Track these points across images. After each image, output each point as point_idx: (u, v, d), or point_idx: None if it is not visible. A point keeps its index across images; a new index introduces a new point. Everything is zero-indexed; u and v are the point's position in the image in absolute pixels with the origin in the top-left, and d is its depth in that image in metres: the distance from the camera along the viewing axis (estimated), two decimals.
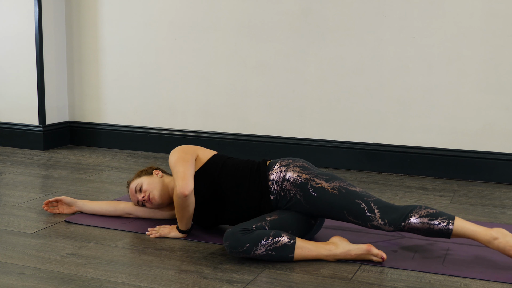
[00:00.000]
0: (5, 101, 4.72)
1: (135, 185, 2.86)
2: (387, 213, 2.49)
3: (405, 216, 2.47)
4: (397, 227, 2.47)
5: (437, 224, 2.45)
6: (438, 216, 2.47)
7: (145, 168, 2.95)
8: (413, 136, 3.98)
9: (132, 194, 2.88)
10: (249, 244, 2.44)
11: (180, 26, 4.44)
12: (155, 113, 4.59)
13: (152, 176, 2.87)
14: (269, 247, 2.45)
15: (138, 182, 2.86)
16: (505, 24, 3.72)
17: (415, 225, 2.46)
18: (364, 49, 4.02)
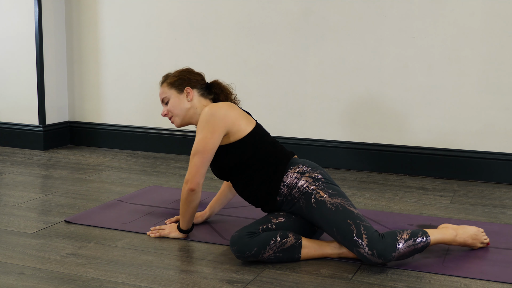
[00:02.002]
0: (5, 101, 4.73)
1: (164, 95, 2.74)
2: (376, 243, 2.38)
3: (393, 245, 2.39)
4: (387, 259, 2.38)
5: (419, 242, 2.45)
6: (416, 233, 2.46)
7: (179, 74, 2.76)
8: (413, 136, 3.98)
9: (160, 98, 2.77)
10: (257, 248, 2.43)
11: (180, 26, 4.44)
12: (155, 113, 4.59)
13: (181, 97, 2.70)
14: (276, 249, 2.45)
15: (167, 95, 2.73)
16: (505, 24, 3.72)
17: (403, 251, 2.40)
18: (364, 49, 4.02)
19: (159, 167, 4.15)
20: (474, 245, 2.61)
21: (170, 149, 4.56)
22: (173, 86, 2.73)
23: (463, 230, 2.59)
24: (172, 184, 3.70)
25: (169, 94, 2.72)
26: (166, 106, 2.73)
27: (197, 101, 2.73)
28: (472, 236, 2.59)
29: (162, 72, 4.51)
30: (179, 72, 2.79)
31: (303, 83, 4.16)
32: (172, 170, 4.07)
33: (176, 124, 2.74)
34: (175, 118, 2.72)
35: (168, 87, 2.74)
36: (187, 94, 2.71)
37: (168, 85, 2.74)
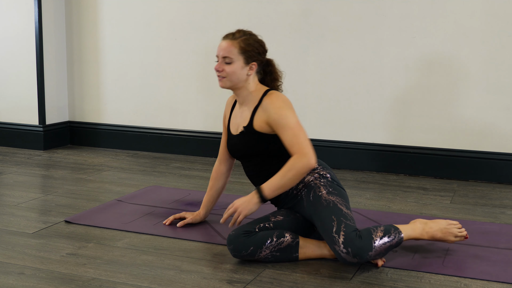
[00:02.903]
0: (5, 101, 4.73)
1: (228, 54, 2.58)
2: (352, 241, 2.33)
3: (370, 245, 2.34)
4: (363, 258, 2.34)
5: (393, 239, 2.40)
6: (389, 230, 2.41)
7: (253, 45, 2.62)
8: (413, 136, 3.98)
9: (219, 51, 2.60)
10: (253, 247, 2.43)
11: (180, 26, 4.44)
12: (155, 113, 4.59)
13: (244, 67, 2.58)
14: (273, 248, 2.45)
15: (233, 57, 2.58)
16: (505, 24, 3.72)
17: (379, 249, 2.36)
18: (364, 49, 4.02)
19: (159, 167, 4.15)
20: (446, 239, 2.53)
21: (170, 149, 4.56)
22: (243, 53, 2.59)
23: (432, 224, 2.53)
24: (172, 184, 3.70)
25: (235, 58, 2.58)
26: (225, 65, 2.58)
27: (252, 76, 2.63)
28: (442, 230, 2.52)
29: (162, 72, 4.53)
30: (253, 40, 2.64)
31: (303, 83, 4.16)
32: (172, 170, 4.07)
33: (223, 85, 2.61)
34: (226, 81, 2.60)
35: (238, 50, 2.58)
36: (250, 68, 2.61)
37: (239, 49, 2.58)
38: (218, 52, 2.61)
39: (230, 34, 2.64)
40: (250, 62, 2.60)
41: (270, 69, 2.72)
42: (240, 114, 2.68)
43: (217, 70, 2.59)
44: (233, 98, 2.82)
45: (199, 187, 3.64)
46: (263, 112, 2.57)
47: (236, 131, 2.68)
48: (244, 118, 2.64)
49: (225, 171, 2.91)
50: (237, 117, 2.70)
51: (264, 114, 2.56)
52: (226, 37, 2.62)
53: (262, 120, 2.57)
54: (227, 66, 2.58)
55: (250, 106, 2.63)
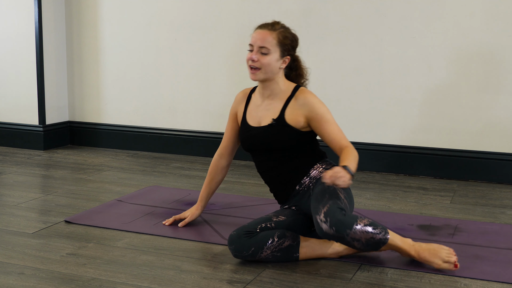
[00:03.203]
0: (5, 101, 4.72)
1: (266, 45, 2.53)
2: (334, 214, 2.31)
3: (351, 223, 2.30)
4: (339, 232, 2.29)
5: (377, 234, 2.34)
6: (376, 225, 2.36)
7: (292, 39, 2.60)
8: (413, 136, 3.98)
9: (255, 40, 2.55)
10: (254, 248, 2.43)
11: (180, 26, 4.44)
12: (155, 113, 4.59)
13: (279, 60, 2.57)
14: (274, 249, 2.45)
15: (270, 48, 2.53)
16: (505, 24, 3.72)
17: (359, 235, 2.30)
18: (364, 49, 4.02)
19: (159, 167, 4.15)
20: (432, 261, 2.39)
21: (170, 149, 4.56)
22: (280, 46, 2.56)
23: (423, 244, 2.43)
24: (172, 184, 3.70)
25: (272, 50, 2.54)
26: (260, 55, 2.54)
27: (282, 70, 2.63)
28: (430, 250, 2.40)
29: (162, 72, 4.53)
30: (290, 34, 2.61)
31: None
32: (172, 170, 4.07)
33: (256, 78, 2.58)
34: (260, 73, 2.57)
35: (276, 42, 2.55)
36: (283, 61, 2.60)
37: (277, 40, 2.55)
38: (254, 41, 2.55)
39: (268, 24, 2.59)
40: (284, 56, 2.59)
41: (296, 64, 2.71)
42: (266, 107, 2.64)
43: (252, 60, 2.55)
44: (244, 94, 2.78)
45: (199, 187, 3.63)
46: (300, 107, 2.57)
47: (259, 123, 2.65)
48: (273, 111, 2.62)
49: (225, 166, 2.89)
50: (260, 110, 2.66)
51: (303, 108, 2.57)
52: (264, 27, 2.58)
53: (300, 114, 2.57)
54: (263, 57, 2.54)
55: (279, 100, 2.62)
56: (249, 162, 4.29)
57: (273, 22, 2.61)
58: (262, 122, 2.64)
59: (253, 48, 2.57)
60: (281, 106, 2.61)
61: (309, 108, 2.57)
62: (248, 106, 2.73)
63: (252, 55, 2.55)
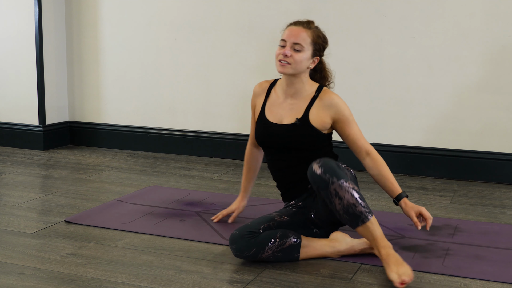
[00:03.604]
0: (5, 101, 4.72)
1: (300, 41, 2.54)
2: (329, 162, 2.37)
3: (343, 178, 2.33)
4: (326, 175, 2.32)
5: (362, 207, 2.33)
6: (365, 201, 2.36)
7: (324, 40, 2.64)
8: (413, 136, 3.98)
9: (290, 36, 2.57)
10: (256, 249, 2.42)
11: (180, 26, 4.44)
12: (155, 113, 4.59)
13: (310, 59, 2.59)
14: (275, 249, 2.44)
15: (304, 45, 2.55)
16: (505, 24, 3.72)
17: (347, 194, 2.31)
18: (364, 49, 4.02)
19: (159, 167, 4.15)
20: (391, 270, 2.29)
21: (170, 149, 4.56)
22: (313, 45, 2.59)
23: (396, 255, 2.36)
24: (172, 184, 3.70)
25: (306, 47, 2.56)
26: (293, 51, 2.55)
27: (308, 70, 2.64)
28: (397, 262, 2.31)
29: (162, 72, 4.53)
30: (324, 36, 2.65)
31: None
32: (172, 170, 4.07)
33: (284, 71, 2.57)
34: (289, 68, 2.56)
35: (310, 40, 2.57)
36: (313, 61, 2.62)
37: (312, 39, 2.57)
38: (288, 37, 2.56)
39: (302, 22, 2.60)
40: (315, 55, 2.60)
41: (321, 67, 2.72)
42: (289, 106, 2.63)
43: (285, 55, 2.54)
44: (262, 88, 2.76)
45: (199, 187, 3.64)
46: (326, 108, 2.57)
47: (280, 121, 2.63)
48: (297, 110, 2.61)
49: (258, 153, 2.88)
50: (282, 108, 2.65)
51: (330, 110, 2.57)
52: (299, 24, 2.59)
53: (325, 115, 2.58)
54: (296, 53, 2.55)
55: (303, 99, 2.61)
56: None
57: (308, 20, 2.62)
58: (284, 120, 2.62)
59: (286, 44, 2.56)
60: (305, 106, 2.60)
61: (336, 110, 2.57)
62: (268, 100, 2.71)
63: (285, 50, 2.55)
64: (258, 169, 2.93)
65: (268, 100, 2.71)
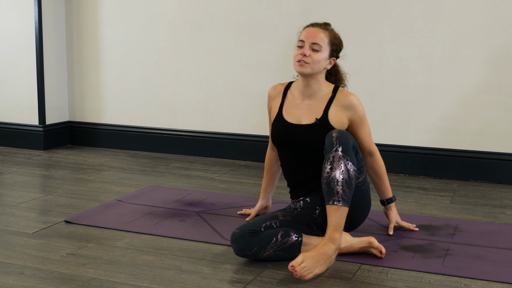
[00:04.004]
0: (5, 101, 4.73)
1: (319, 42, 2.59)
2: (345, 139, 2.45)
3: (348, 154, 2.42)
4: (335, 142, 2.43)
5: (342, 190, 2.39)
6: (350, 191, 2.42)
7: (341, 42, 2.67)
8: (413, 136, 3.98)
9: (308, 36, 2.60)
10: (257, 248, 2.42)
11: (180, 26, 4.44)
12: (155, 113, 4.59)
13: (327, 59, 2.63)
14: (277, 248, 2.45)
15: (322, 46, 2.59)
16: (505, 24, 3.72)
17: (339, 163, 2.39)
18: (364, 49, 4.02)
19: (159, 167, 4.15)
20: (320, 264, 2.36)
21: (170, 149, 4.56)
22: (331, 46, 2.63)
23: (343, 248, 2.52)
24: (172, 184, 3.70)
25: (324, 48, 2.61)
26: (312, 51, 2.59)
27: (325, 71, 2.68)
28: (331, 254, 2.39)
29: (162, 72, 4.53)
30: (339, 38, 2.68)
31: None
32: (172, 170, 4.07)
33: (303, 71, 2.60)
34: (307, 67, 2.59)
35: (328, 41, 2.62)
36: (330, 62, 2.66)
37: (329, 41, 2.62)
38: (307, 37, 2.60)
39: (319, 23, 2.66)
40: (332, 56, 2.65)
41: (335, 69, 2.76)
42: (306, 106, 2.66)
43: (304, 55, 2.58)
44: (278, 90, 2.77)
45: (199, 187, 3.64)
46: (345, 109, 2.62)
47: (299, 121, 2.66)
48: (315, 111, 2.64)
49: (277, 156, 2.89)
50: (300, 109, 2.67)
51: (348, 111, 2.63)
52: (316, 25, 2.64)
53: (343, 116, 2.62)
54: (314, 53, 2.59)
55: (320, 100, 2.65)
56: (249, 162, 4.29)
57: (325, 22, 2.68)
58: (302, 121, 2.65)
59: (304, 44, 2.61)
60: (324, 106, 2.63)
61: (354, 111, 2.63)
62: (285, 102, 2.73)
63: (304, 50, 2.59)
64: (278, 172, 2.95)
65: (285, 101, 2.73)
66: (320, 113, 2.62)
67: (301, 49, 2.60)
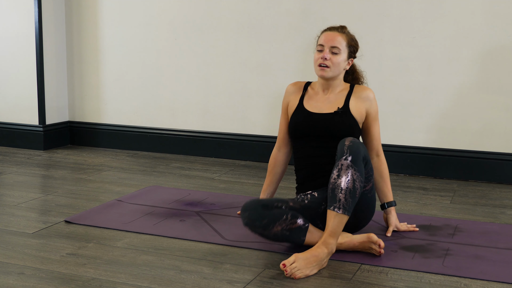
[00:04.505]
0: (5, 101, 4.73)
1: (338, 45, 2.70)
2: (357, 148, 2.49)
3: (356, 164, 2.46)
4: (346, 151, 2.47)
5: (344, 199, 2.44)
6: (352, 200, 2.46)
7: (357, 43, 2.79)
8: (413, 136, 3.98)
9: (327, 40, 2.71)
10: (267, 220, 2.47)
11: (180, 26, 4.44)
12: (155, 113, 4.59)
13: (346, 61, 2.74)
14: (286, 226, 2.48)
15: (341, 48, 2.70)
16: (505, 24, 3.72)
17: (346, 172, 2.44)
18: (364, 49, 4.01)
19: (159, 167, 4.15)
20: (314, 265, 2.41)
21: (170, 149, 4.56)
22: (349, 47, 2.75)
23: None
24: (172, 184, 3.70)
25: (343, 50, 2.72)
26: (332, 55, 2.70)
27: (344, 71, 2.79)
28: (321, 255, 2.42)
29: (162, 72, 4.53)
30: (355, 39, 2.80)
31: None
32: (172, 170, 4.07)
33: (326, 75, 2.71)
34: (329, 71, 2.71)
35: (346, 43, 2.73)
36: (348, 63, 2.77)
37: (347, 44, 2.74)
38: (326, 41, 2.71)
39: (336, 27, 2.77)
40: (350, 58, 2.77)
41: (352, 68, 2.88)
42: (327, 99, 2.76)
43: (325, 58, 2.69)
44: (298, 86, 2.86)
45: (199, 187, 3.64)
46: (363, 100, 2.75)
47: (320, 110, 2.74)
48: (336, 102, 2.74)
49: (283, 158, 2.94)
50: (320, 101, 2.77)
51: (365, 102, 2.75)
52: (334, 29, 2.75)
53: (362, 107, 2.74)
54: (334, 56, 2.70)
55: (340, 93, 2.76)
56: (249, 162, 4.29)
57: (341, 26, 2.79)
58: (324, 110, 2.74)
59: (323, 48, 2.71)
60: (344, 98, 2.75)
61: (370, 103, 2.76)
62: (305, 95, 2.82)
63: (324, 54, 2.69)
64: (279, 174, 2.97)
65: (306, 94, 2.83)
66: (341, 103, 2.74)
67: (321, 53, 2.71)
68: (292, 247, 2.60)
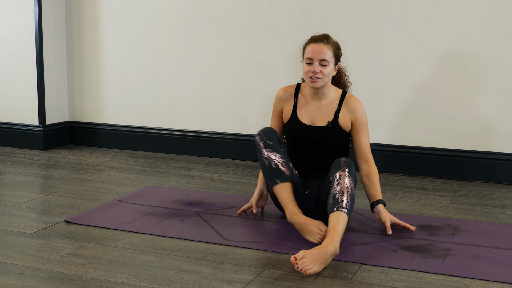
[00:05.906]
0: (5, 101, 4.73)
1: (325, 57, 2.84)
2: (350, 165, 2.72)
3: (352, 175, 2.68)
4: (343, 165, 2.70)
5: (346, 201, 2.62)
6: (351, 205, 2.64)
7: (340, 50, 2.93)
8: (413, 136, 3.98)
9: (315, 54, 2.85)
10: (274, 143, 2.84)
11: (180, 26, 4.44)
12: (155, 113, 4.59)
13: (333, 68, 2.90)
14: (278, 160, 2.81)
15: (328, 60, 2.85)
16: (505, 24, 3.72)
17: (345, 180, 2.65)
18: (364, 49, 4.02)
19: (159, 167, 4.15)
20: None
21: (170, 149, 4.56)
22: (334, 56, 2.90)
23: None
24: (172, 184, 3.70)
25: (330, 61, 2.87)
26: (320, 66, 2.84)
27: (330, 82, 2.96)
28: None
29: (162, 72, 4.53)
30: (339, 46, 2.95)
31: None
32: (172, 170, 4.07)
33: (318, 86, 2.87)
34: (321, 82, 2.86)
35: (332, 55, 2.88)
36: (335, 70, 2.93)
37: (333, 54, 2.89)
38: (314, 55, 2.85)
39: (321, 37, 2.90)
40: (336, 64, 2.93)
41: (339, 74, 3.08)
42: (318, 108, 2.95)
43: (315, 72, 2.84)
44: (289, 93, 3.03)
45: (199, 187, 3.64)
46: (349, 112, 2.92)
47: (313, 122, 2.94)
48: (327, 113, 2.94)
49: None
50: (312, 110, 2.95)
51: (351, 114, 2.92)
52: (319, 41, 2.89)
53: (348, 119, 2.92)
54: (324, 68, 2.86)
55: (331, 102, 2.94)
56: (249, 162, 4.29)
57: (324, 35, 2.92)
58: (316, 122, 2.94)
59: (313, 62, 2.86)
60: (334, 109, 2.93)
61: (355, 115, 2.92)
62: (297, 103, 2.99)
63: (314, 68, 2.84)
64: None
65: (297, 103, 2.99)
66: (331, 116, 2.92)
67: (310, 66, 2.85)
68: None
